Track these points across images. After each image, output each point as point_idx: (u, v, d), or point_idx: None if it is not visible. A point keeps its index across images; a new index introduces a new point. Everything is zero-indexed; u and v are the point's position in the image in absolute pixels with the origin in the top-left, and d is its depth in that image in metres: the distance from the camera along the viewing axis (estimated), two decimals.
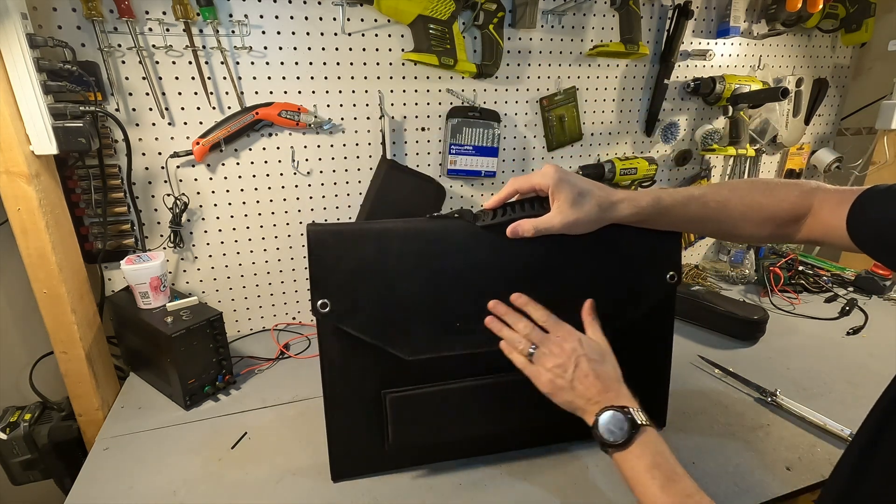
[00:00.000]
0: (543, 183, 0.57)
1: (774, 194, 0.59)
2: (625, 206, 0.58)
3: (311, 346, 1.00)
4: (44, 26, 0.78)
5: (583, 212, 0.57)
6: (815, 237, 0.58)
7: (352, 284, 0.58)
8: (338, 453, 0.63)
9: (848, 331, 1.02)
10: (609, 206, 0.58)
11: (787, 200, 0.58)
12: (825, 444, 0.70)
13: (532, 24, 1.02)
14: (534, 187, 0.59)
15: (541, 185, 0.58)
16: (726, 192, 0.60)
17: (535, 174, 0.58)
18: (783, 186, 0.60)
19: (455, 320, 0.60)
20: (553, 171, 0.57)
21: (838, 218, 0.53)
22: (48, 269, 0.74)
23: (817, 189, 0.58)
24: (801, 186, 0.59)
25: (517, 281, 0.61)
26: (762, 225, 0.60)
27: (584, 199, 0.57)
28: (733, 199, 0.60)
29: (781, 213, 0.59)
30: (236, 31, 0.88)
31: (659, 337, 0.70)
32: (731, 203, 0.59)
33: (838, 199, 0.55)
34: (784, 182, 0.61)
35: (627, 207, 0.58)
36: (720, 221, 0.60)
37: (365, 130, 1.02)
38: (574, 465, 0.66)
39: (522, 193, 0.61)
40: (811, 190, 0.58)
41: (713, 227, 0.62)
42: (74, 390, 0.80)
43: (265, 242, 1.02)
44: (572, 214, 0.56)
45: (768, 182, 0.61)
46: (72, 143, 0.73)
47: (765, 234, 0.60)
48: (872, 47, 1.39)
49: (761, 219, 0.59)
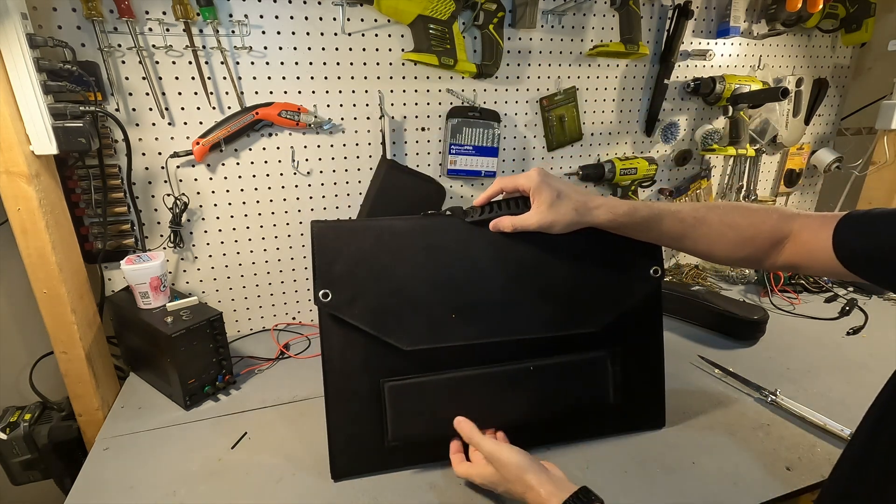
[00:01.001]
0: (526, 185, 0.62)
1: (754, 216, 0.60)
2: (601, 212, 0.61)
3: (311, 346, 1.00)
4: (44, 26, 0.78)
5: (559, 214, 0.60)
6: (797, 261, 0.58)
7: (352, 276, 0.62)
8: (338, 452, 0.64)
9: (848, 331, 1.02)
10: (586, 211, 0.61)
11: (766, 223, 0.59)
12: (825, 444, 0.70)
13: (532, 24, 1.02)
14: (517, 187, 0.63)
15: (523, 186, 0.62)
16: (704, 211, 0.61)
17: (521, 176, 0.63)
18: (763, 210, 0.61)
19: (450, 312, 0.63)
20: (536, 175, 0.61)
21: (822, 239, 0.53)
22: (48, 269, 0.74)
23: (797, 215, 0.58)
24: (781, 211, 0.60)
25: (508, 275, 0.65)
26: (739, 246, 0.60)
27: (561, 203, 0.60)
28: (711, 217, 0.60)
29: (760, 236, 0.59)
30: (236, 31, 0.88)
31: (649, 333, 0.72)
32: (709, 220, 0.60)
33: (820, 222, 0.55)
34: (763, 206, 0.62)
35: (604, 213, 0.61)
36: (696, 239, 0.61)
37: (365, 130, 1.02)
38: (574, 464, 0.66)
39: (508, 192, 0.66)
40: (792, 215, 0.59)
41: (689, 244, 0.63)
42: (74, 390, 0.80)
43: (265, 242, 1.02)
44: (549, 216, 0.61)
45: (748, 205, 0.62)
46: (72, 143, 0.73)
47: (741, 255, 0.61)
48: (872, 47, 1.39)
49: (739, 239, 0.60)
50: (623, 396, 0.69)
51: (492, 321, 0.64)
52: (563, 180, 0.63)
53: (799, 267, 0.59)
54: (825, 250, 0.53)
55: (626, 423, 0.72)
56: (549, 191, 0.60)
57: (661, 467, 0.66)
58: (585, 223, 0.62)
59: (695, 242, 0.62)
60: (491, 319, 0.64)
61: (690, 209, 0.62)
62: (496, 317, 0.65)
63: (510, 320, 0.65)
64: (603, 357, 0.69)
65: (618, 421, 0.71)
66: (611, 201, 0.62)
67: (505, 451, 0.57)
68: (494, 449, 0.58)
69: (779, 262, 0.60)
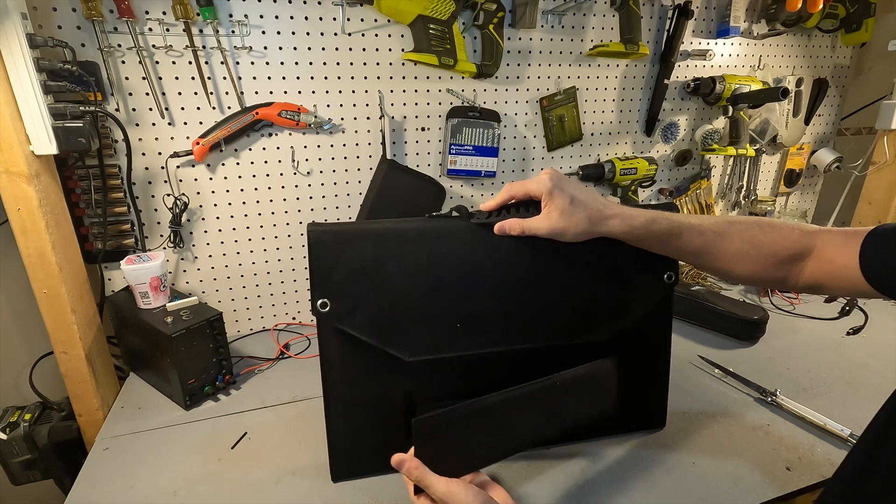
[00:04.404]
0: (537, 190, 0.57)
1: (775, 232, 0.57)
2: (616, 223, 0.57)
3: (311, 346, 1.00)
4: (44, 26, 0.78)
5: (571, 222, 0.56)
6: (820, 279, 0.55)
7: (351, 284, 0.58)
8: (338, 454, 0.63)
9: (848, 331, 1.02)
10: (600, 221, 0.57)
11: (788, 238, 0.56)
12: (825, 444, 0.69)
13: (532, 24, 1.02)
14: (528, 193, 0.59)
15: (535, 191, 0.58)
16: (725, 225, 0.58)
17: (532, 180, 0.58)
18: (783, 225, 0.58)
19: (455, 321, 0.60)
20: (548, 179, 0.57)
21: (848, 255, 0.51)
22: (48, 269, 0.74)
23: (819, 230, 0.56)
24: (802, 227, 0.57)
25: (518, 283, 0.61)
26: (760, 262, 0.57)
27: (575, 210, 0.56)
28: (731, 232, 0.57)
29: (782, 252, 0.56)
30: (236, 31, 0.88)
31: (658, 337, 0.70)
32: (729, 236, 0.57)
33: (843, 237, 0.53)
34: (783, 222, 0.59)
35: (619, 224, 0.57)
36: (715, 255, 0.58)
37: (365, 130, 1.02)
38: (574, 464, 0.66)
39: (518, 200, 0.61)
40: (813, 231, 0.56)
41: (708, 260, 0.59)
42: (74, 390, 0.80)
43: (265, 242, 1.02)
44: (560, 223, 0.56)
45: (768, 220, 0.59)
46: (72, 143, 0.73)
47: (763, 273, 0.58)
48: (872, 47, 1.39)
49: (760, 256, 0.57)
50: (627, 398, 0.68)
51: (498, 330, 0.61)
52: (577, 184, 0.59)
53: (823, 287, 0.56)
54: (851, 268, 0.50)
55: (627, 423, 0.71)
56: (562, 196, 0.56)
57: (661, 467, 0.66)
58: (599, 233, 0.58)
59: (714, 259, 0.58)
60: (497, 329, 0.61)
61: (711, 223, 0.58)
62: (502, 326, 0.61)
63: (517, 329, 0.62)
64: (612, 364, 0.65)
65: (619, 421, 0.71)
66: (627, 211, 0.58)
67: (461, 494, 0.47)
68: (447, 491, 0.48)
69: (801, 281, 0.57)
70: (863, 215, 1.39)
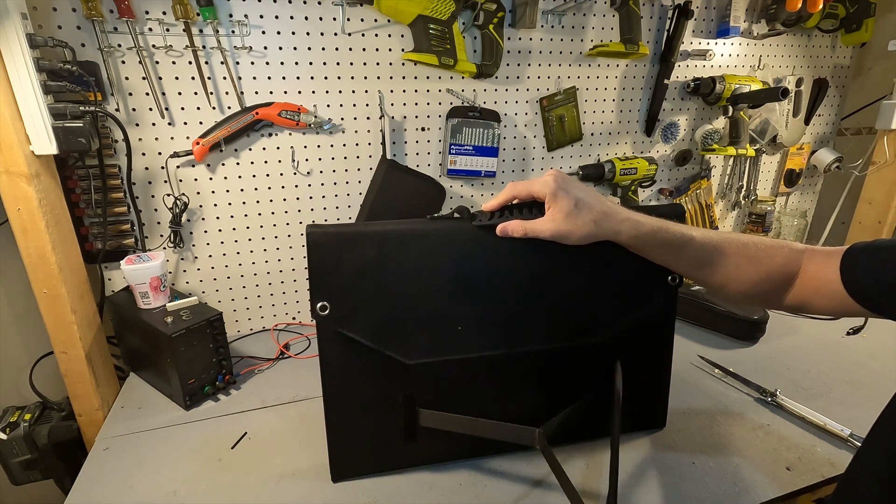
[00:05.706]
0: (541, 191, 0.56)
1: (768, 250, 0.57)
2: (623, 228, 0.57)
3: (311, 346, 1.00)
4: (44, 26, 0.78)
5: (576, 225, 0.55)
6: (805, 296, 0.55)
7: (351, 287, 0.57)
8: (337, 454, 0.63)
9: (848, 331, 1.02)
10: (606, 225, 0.56)
11: (780, 255, 0.56)
12: (825, 444, 0.70)
13: (532, 24, 1.02)
14: (532, 194, 0.58)
15: (538, 192, 0.57)
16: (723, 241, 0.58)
17: (536, 181, 0.57)
18: (774, 242, 0.58)
19: (457, 324, 0.60)
20: (552, 180, 0.56)
21: (830, 270, 0.51)
22: (48, 269, 0.74)
23: (806, 248, 0.57)
24: (790, 245, 0.57)
25: (520, 286, 0.61)
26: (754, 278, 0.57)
27: (580, 213, 0.55)
28: (729, 249, 0.57)
29: (775, 271, 0.56)
30: (236, 31, 0.88)
31: (661, 338, 0.70)
32: (728, 252, 0.57)
33: (826, 254, 0.54)
34: (772, 240, 0.59)
35: (626, 230, 0.57)
36: (713, 271, 0.58)
37: (365, 130, 1.02)
38: (574, 464, 0.66)
39: (521, 200, 0.60)
40: (800, 249, 0.57)
41: (705, 274, 0.59)
42: (74, 390, 0.80)
43: (265, 242, 1.02)
44: (565, 225, 0.55)
45: (760, 239, 0.59)
46: (72, 143, 0.73)
47: (754, 290, 0.58)
48: (872, 47, 1.39)
49: (754, 272, 0.57)
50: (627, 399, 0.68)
51: (499, 333, 0.61)
52: (582, 186, 0.57)
53: (808, 304, 0.56)
54: (834, 283, 0.51)
55: (628, 423, 0.71)
56: (567, 198, 0.55)
57: (661, 467, 0.66)
58: (604, 236, 0.57)
59: (711, 273, 0.58)
60: (498, 331, 0.61)
61: (711, 237, 0.58)
62: (504, 328, 0.61)
63: (519, 332, 0.62)
64: (613, 367, 0.66)
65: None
66: (635, 216, 0.57)
67: None
68: None
69: (787, 299, 0.57)
70: (863, 215, 1.39)
